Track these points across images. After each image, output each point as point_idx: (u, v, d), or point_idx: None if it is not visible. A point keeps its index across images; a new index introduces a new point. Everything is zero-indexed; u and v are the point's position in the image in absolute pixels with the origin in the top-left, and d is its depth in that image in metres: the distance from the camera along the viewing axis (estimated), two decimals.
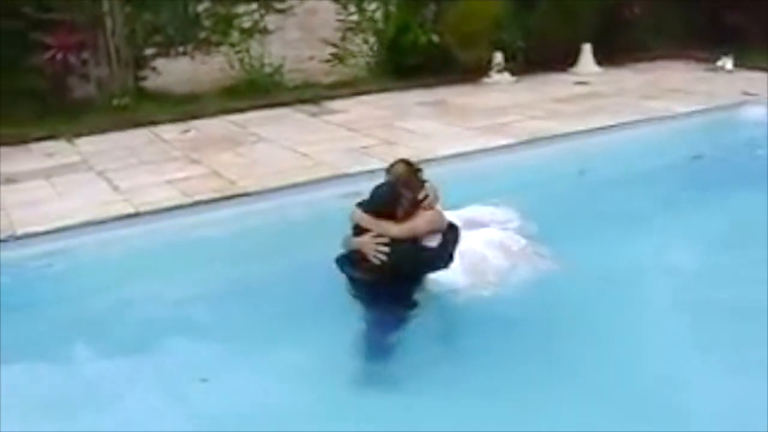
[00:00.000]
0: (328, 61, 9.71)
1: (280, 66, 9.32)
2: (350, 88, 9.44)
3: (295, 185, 6.21)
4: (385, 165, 6.13)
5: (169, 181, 6.43)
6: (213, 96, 9.03)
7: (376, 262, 4.42)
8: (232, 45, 9.15)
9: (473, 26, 9.32)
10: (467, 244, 4.76)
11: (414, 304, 4.65)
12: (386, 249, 4.41)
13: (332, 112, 8.65)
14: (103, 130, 8.08)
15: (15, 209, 5.91)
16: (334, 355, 4.35)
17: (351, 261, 4.60)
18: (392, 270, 4.44)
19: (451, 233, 4.66)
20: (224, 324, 4.62)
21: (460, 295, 4.64)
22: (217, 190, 6.17)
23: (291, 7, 9.37)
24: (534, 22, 9.77)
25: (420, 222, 4.58)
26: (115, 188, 6.34)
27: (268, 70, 9.23)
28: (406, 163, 4.83)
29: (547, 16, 9.76)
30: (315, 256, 4.83)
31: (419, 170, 4.79)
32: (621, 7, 10.30)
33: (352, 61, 9.79)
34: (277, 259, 5.28)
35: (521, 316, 4.59)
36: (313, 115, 8.58)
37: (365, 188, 4.79)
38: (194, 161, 7.00)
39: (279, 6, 9.33)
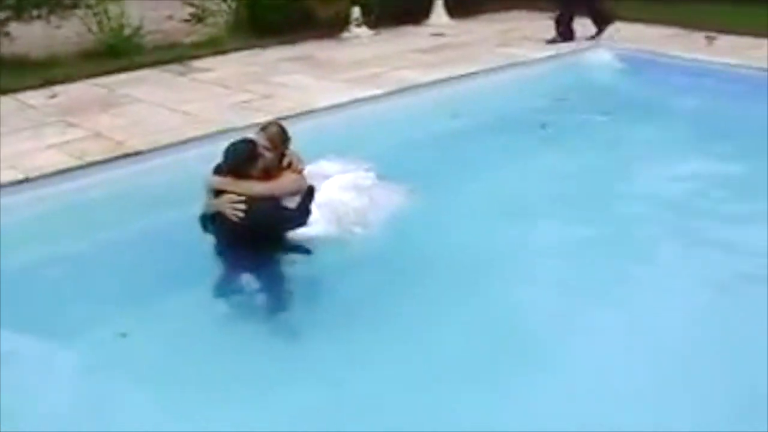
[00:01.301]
0: (187, 20, 9.65)
1: (139, 28, 9.17)
2: (213, 47, 9.40)
3: (185, 141, 6.28)
4: (271, 117, 6.40)
5: (53, 145, 6.32)
6: (72, 60, 8.78)
7: (235, 219, 4.62)
8: (89, 7, 8.91)
9: None
10: (324, 194, 5.05)
11: (278, 259, 4.94)
12: (243, 206, 4.62)
13: (200, 70, 8.64)
14: None
15: None
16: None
17: (213, 220, 4.80)
18: (252, 227, 4.65)
19: (307, 194, 4.91)
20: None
21: (328, 244, 4.89)
22: (107, 151, 6.14)
23: None
24: None
25: (285, 182, 4.86)
26: None
27: (127, 32, 9.06)
28: (280, 126, 5.02)
29: None
30: None
31: (288, 138, 4.96)
32: None
33: (211, 20, 9.75)
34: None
35: (386, 254, 4.93)
36: (181, 74, 8.55)
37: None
38: (71, 125, 6.87)
39: None
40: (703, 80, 8.12)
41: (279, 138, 4.92)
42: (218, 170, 4.85)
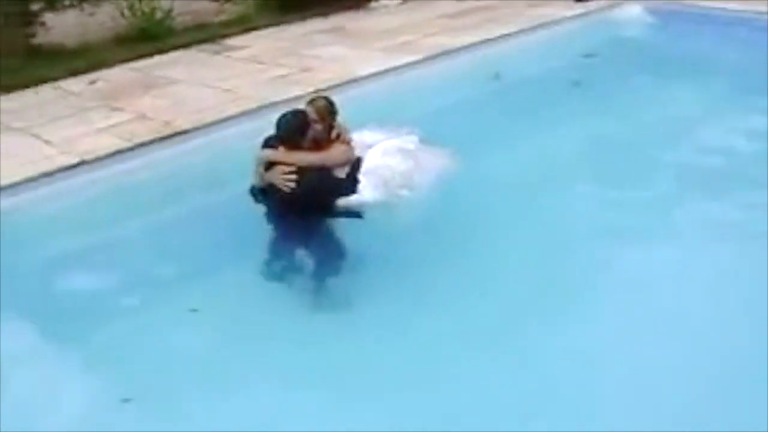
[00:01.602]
0: (216, 0, 9.72)
1: (170, 10, 9.27)
2: (242, 24, 9.49)
3: (229, 118, 6.40)
4: (309, 91, 6.50)
5: (101, 129, 6.46)
6: (107, 46, 8.88)
7: (287, 190, 4.72)
8: None
9: None
10: (370, 161, 5.12)
11: (328, 226, 5.06)
12: (295, 177, 4.71)
13: (234, 48, 8.74)
14: (2, 91, 7.89)
15: None
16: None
17: (265, 192, 4.91)
18: (304, 197, 4.75)
19: (356, 164, 5.01)
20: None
21: (376, 209, 4.96)
22: (154, 131, 6.27)
23: None
24: None
25: (335, 153, 4.95)
26: (47, 142, 6.32)
27: (158, 15, 9.16)
28: (327, 99, 5.12)
29: None
30: None
31: (335, 110, 5.04)
32: None
33: None
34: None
35: (433, 216, 5.04)
36: (216, 53, 8.65)
37: None
38: (115, 108, 7.02)
39: None
40: (734, 29, 8.11)
41: (326, 110, 5.01)
42: (268, 143, 4.96)
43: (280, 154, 4.85)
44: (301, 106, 5.06)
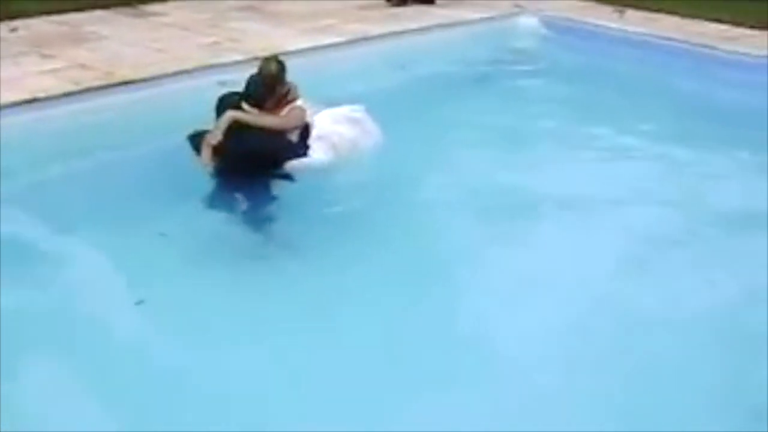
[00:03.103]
0: None
1: None
2: None
3: (174, 74, 6.74)
4: (247, 57, 6.96)
5: (44, 72, 6.65)
6: None
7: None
8: None
9: None
10: (322, 127, 5.62)
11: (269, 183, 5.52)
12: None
13: (155, 14, 8.98)
14: None
15: None
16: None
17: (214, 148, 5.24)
18: (261, 157, 5.23)
19: (306, 129, 5.51)
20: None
21: (323, 171, 5.53)
22: (99, 79, 6.53)
23: None
24: None
25: (294, 115, 5.44)
26: None
27: None
28: (277, 60, 5.54)
29: None
30: None
31: (286, 70, 5.49)
32: None
33: None
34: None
35: (373, 183, 5.68)
36: (137, 16, 8.88)
37: (238, 77, 5.64)
38: (48, 56, 7.19)
39: None
40: (616, 46, 9.15)
41: (277, 70, 5.47)
42: (230, 103, 5.32)
43: (250, 116, 5.25)
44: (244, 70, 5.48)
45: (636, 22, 9.45)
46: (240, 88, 5.44)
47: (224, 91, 5.56)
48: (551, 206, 5.54)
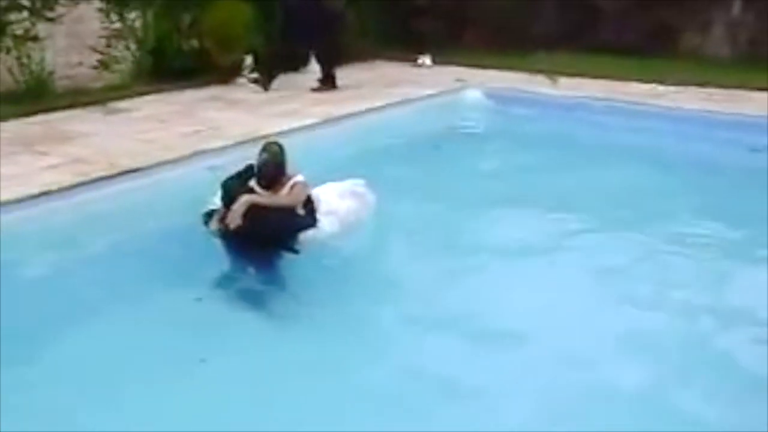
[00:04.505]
0: (95, 67, 10.32)
1: (52, 72, 9.78)
2: (122, 90, 10.14)
3: (174, 160, 7.20)
4: (229, 143, 7.49)
5: (46, 167, 6.98)
6: None
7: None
8: (9, 51, 9.41)
9: (230, 31, 10.61)
10: (329, 202, 6.11)
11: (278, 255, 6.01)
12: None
13: (125, 110, 9.39)
14: None
15: None
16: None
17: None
18: (275, 234, 5.67)
19: (309, 201, 5.99)
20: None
21: (333, 241, 5.98)
22: (105, 170, 6.90)
23: (60, 15, 9.85)
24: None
25: (298, 189, 5.92)
26: None
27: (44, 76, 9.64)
28: (277, 143, 6.04)
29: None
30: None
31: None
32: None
33: (117, 66, 10.49)
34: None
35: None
36: (110, 113, 9.27)
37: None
38: (43, 153, 7.50)
39: (49, 14, 9.77)
40: (549, 109, 10.04)
41: (279, 152, 5.99)
42: (239, 184, 5.78)
43: (265, 198, 5.72)
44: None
45: (571, 86, 10.40)
46: (227, 172, 5.94)
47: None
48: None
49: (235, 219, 5.60)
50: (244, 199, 5.63)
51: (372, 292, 5.60)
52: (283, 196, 5.78)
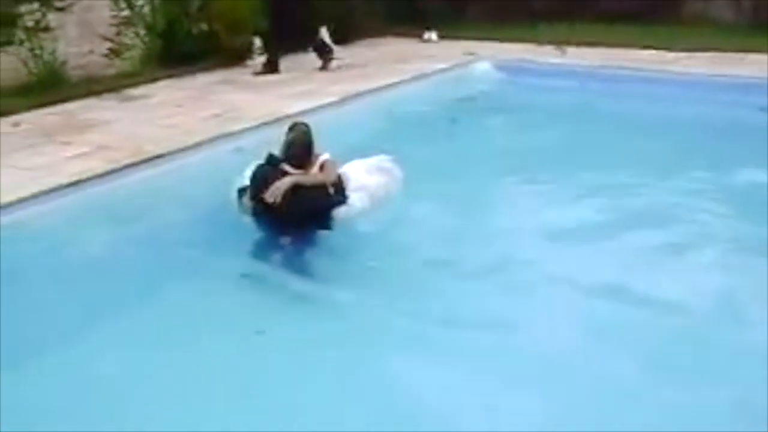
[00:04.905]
0: (106, 55, 10.34)
1: (64, 62, 9.80)
2: (134, 78, 10.17)
3: (200, 143, 7.24)
4: (249, 125, 7.53)
5: (73, 156, 7.02)
6: (11, 93, 9.24)
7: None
8: (21, 42, 9.43)
9: (238, 14, 10.64)
10: (358, 178, 6.13)
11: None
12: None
13: (140, 97, 9.42)
14: None
15: None
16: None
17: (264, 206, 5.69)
18: (311, 212, 5.73)
19: (338, 179, 6.01)
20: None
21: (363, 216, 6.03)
22: (133, 156, 6.95)
23: (71, 5, 9.86)
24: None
25: (329, 167, 5.98)
26: (27, 168, 6.77)
27: (57, 66, 9.66)
28: (304, 123, 6.07)
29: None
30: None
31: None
32: None
33: (128, 53, 10.51)
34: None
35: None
36: (126, 100, 9.31)
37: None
38: (66, 143, 7.53)
39: (58, 4, 9.78)
40: (560, 78, 10.10)
41: (308, 131, 6.04)
42: (272, 165, 5.79)
43: (305, 177, 5.74)
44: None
45: (578, 55, 10.47)
46: (253, 153, 6.02)
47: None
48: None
49: (276, 195, 5.64)
50: (288, 179, 5.67)
51: (412, 262, 5.66)
52: (318, 174, 5.84)
